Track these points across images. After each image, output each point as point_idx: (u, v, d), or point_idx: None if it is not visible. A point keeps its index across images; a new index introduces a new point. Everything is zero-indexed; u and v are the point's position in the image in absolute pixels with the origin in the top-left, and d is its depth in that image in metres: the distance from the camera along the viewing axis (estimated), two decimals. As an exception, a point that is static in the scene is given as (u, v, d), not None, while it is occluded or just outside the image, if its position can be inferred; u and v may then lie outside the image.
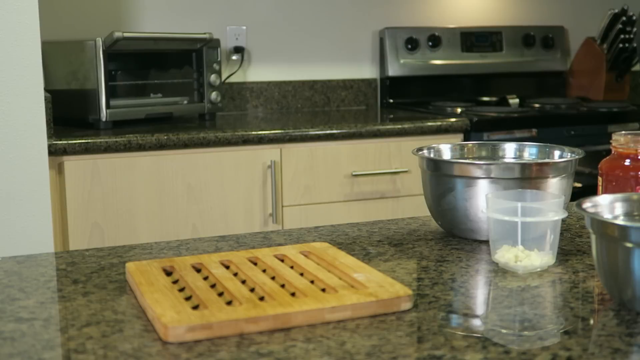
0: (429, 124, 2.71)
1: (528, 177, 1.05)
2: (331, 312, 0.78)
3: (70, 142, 2.25)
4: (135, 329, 0.77)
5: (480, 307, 0.86)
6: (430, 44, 3.30)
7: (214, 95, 2.74)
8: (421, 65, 3.30)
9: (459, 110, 3.00)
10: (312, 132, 2.55)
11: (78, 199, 2.27)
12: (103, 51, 2.44)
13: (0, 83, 1.98)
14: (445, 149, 1.23)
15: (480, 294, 0.90)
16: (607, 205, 0.90)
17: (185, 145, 2.38)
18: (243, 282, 0.88)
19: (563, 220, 1.01)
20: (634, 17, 3.34)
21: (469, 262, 0.99)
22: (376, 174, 2.62)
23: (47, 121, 2.09)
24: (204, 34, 2.66)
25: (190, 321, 0.74)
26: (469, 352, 0.71)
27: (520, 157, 1.22)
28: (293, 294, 0.83)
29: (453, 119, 2.77)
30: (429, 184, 1.13)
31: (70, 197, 2.26)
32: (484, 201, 1.02)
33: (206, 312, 0.77)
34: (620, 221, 0.87)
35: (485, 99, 3.35)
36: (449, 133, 2.73)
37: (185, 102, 2.73)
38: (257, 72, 3.15)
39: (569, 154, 1.15)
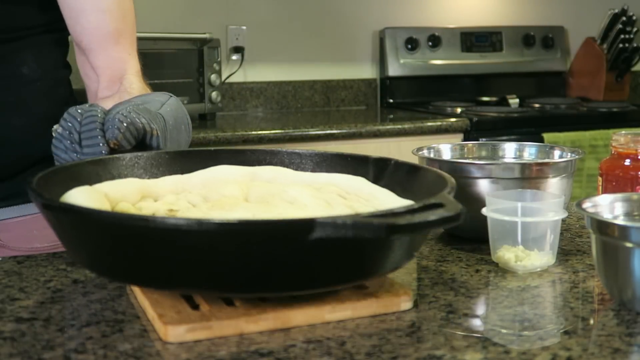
0: (429, 124, 2.71)
1: (528, 177, 1.05)
2: (331, 312, 0.78)
3: (70, 142, 2.24)
4: (135, 329, 0.77)
5: (480, 307, 0.86)
6: (430, 44, 3.30)
7: (214, 95, 2.74)
8: (421, 65, 3.30)
9: (459, 110, 3.00)
10: (312, 132, 2.55)
11: (78, 199, 2.27)
12: (103, 51, 2.44)
13: (0, 83, 1.98)
14: (445, 149, 1.23)
15: (480, 294, 0.90)
16: (607, 205, 0.90)
17: (185, 145, 2.38)
18: (243, 282, 0.88)
19: (563, 220, 1.01)
20: (634, 18, 3.34)
21: (469, 262, 0.99)
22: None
23: (47, 121, 2.09)
24: (204, 34, 2.66)
25: (190, 321, 0.74)
26: (469, 352, 0.71)
27: (520, 157, 1.22)
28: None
29: (453, 119, 2.77)
30: (429, 184, 1.13)
31: (70, 197, 2.26)
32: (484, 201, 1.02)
33: (206, 312, 0.77)
34: (620, 221, 0.87)
35: (485, 99, 3.35)
36: (449, 133, 2.73)
37: (185, 102, 2.73)
38: (257, 72, 3.15)
39: (569, 154, 1.15)
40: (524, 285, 0.90)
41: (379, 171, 1.00)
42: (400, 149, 2.65)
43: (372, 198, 0.94)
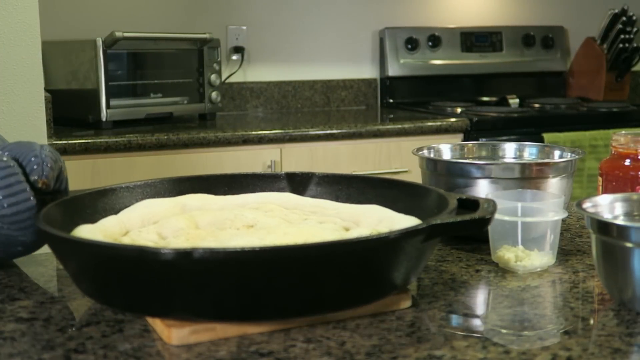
0: (429, 124, 2.71)
1: (528, 177, 1.05)
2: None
3: (70, 142, 2.25)
4: (135, 329, 0.77)
5: (480, 307, 0.86)
6: (430, 44, 3.30)
7: (214, 95, 2.74)
8: (421, 65, 3.30)
9: (459, 110, 3.00)
10: (312, 132, 2.55)
11: (78, 199, 2.27)
12: (103, 51, 2.44)
13: (0, 83, 1.98)
14: (445, 149, 1.23)
15: (480, 294, 0.90)
16: (607, 205, 0.90)
17: (185, 145, 2.38)
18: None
19: (563, 220, 1.01)
20: (634, 18, 3.34)
21: (469, 262, 0.99)
22: (376, 174, 2.62)
23: (47, 121, 2.09)
24: (204, 34, 2.66)
25: (193, 323, 0.74)
26: (469, 352, 0.71)
27: (520, 157, 1.22)
28: (293, 294, 0.83)
29: (453, 119, 2.77)
30: (428, 184, 1.13)
31: (70, 197, 2.26)
32: (484, 201, 1.02)
33: (206, 312, 0.76)
34: (620, 221, 0.87)
35: (485, 99, 3.35)
36: (449, 133, 2.73)
37: (185, 102, 2.73)
38: (257, 72, 3.15)
39: (569, 154, 1.15)
40: (524, 285, 0.90)
41: (299, 185, 1.00)
42: (400, 149, 2.65)
43: (322, 209, 0.94)
